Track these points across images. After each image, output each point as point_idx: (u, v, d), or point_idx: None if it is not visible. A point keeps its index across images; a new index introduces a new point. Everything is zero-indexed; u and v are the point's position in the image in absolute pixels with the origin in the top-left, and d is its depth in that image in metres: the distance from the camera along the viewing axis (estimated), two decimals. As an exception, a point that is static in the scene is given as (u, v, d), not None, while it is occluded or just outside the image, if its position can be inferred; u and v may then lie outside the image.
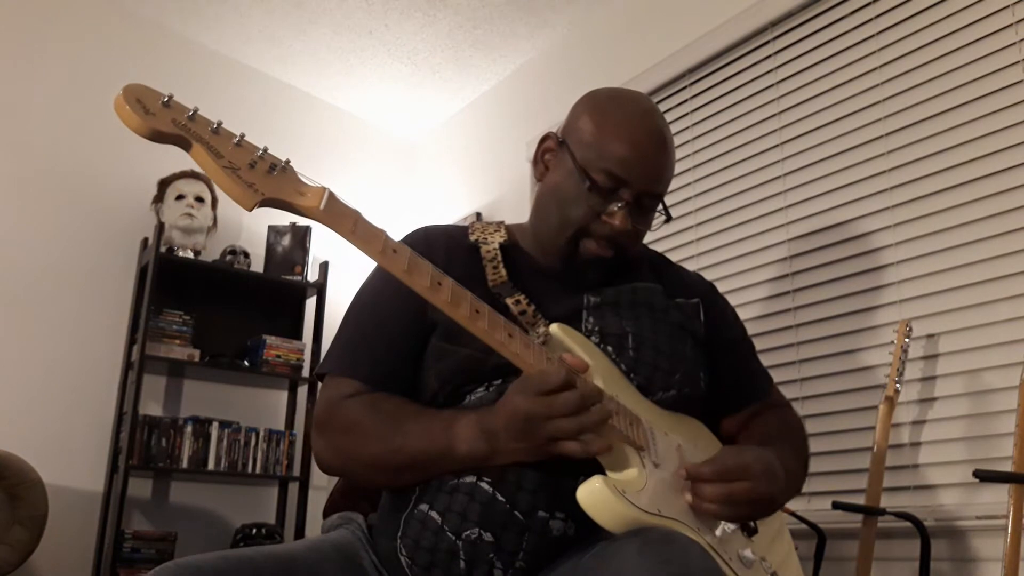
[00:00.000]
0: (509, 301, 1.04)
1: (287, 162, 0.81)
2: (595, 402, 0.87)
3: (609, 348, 1.04)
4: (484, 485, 0.94)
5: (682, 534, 0.83)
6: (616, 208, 1.05)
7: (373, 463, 1.00)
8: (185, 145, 0.76)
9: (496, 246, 1.13)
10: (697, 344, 1.14)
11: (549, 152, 1.16)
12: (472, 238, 1.15)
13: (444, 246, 1.12)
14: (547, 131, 1.18)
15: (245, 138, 0.79)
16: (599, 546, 0.86)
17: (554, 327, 0.98)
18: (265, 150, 0.79)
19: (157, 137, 0.74)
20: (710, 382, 1.15)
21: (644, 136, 1.08)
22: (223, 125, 0.78)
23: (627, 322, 1.08)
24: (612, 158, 1.05)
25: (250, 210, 0.78)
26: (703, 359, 1.14)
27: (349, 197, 3.85)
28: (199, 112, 0.77)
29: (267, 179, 0.79)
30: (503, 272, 1.09)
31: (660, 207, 1.13)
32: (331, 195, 0.82)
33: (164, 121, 0.74)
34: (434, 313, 0.87)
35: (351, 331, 1.12)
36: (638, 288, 1.14)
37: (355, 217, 0.83)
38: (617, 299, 1.11)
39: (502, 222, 1.21)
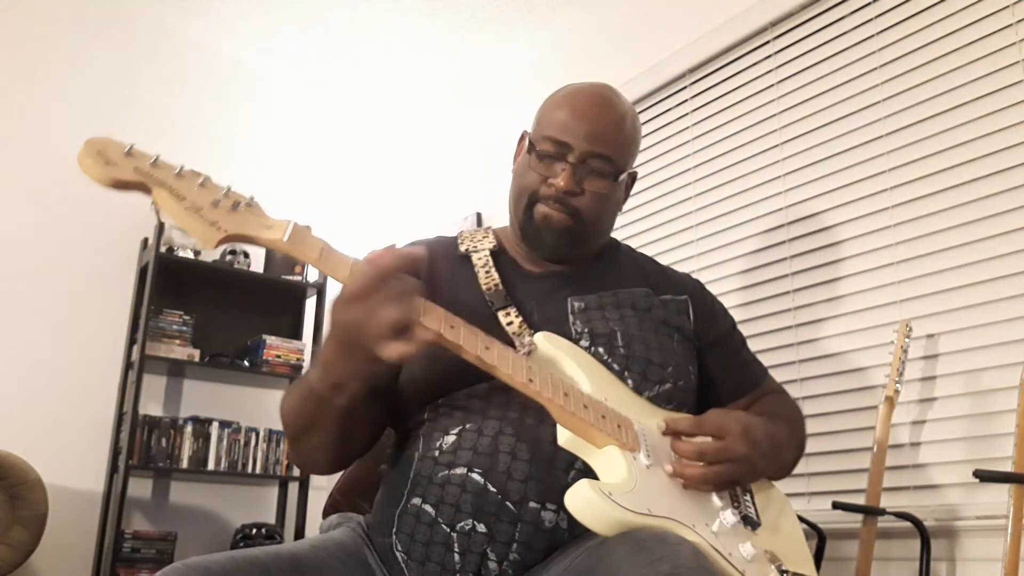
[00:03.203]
0: (500, 314, 1.06)
1: (251, 198, 0.85)
2: (414, 292, 0.84)
3: (600, 349, 1.06)
4: (475, 476, 0.95)
5: (673, 533, 0.83)
6: (560, 169, 1.10)
7: (294, 435, 1.03)
8: (146, 191, 0.79)
9: (487, 253, 1.16)
10: (684, 339, 1.16)
11: (522, 151, 1.21)
12: (463, 248, 1.18)
13: (431, 259, 1.13)
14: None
15: (210, 179, 0.82)
16: (592, 546, 0.87)
17: (538, 336, 0.99)
18: (229, 189, 0.83)
19: (119, 185, 0.77)
20: (704, 378, 1.17)
21: (584, 100, 1.15)
22: (186, 168, 0.81)
23: (614, 322, 1.10)
24: (554, 124, 1.13)
25: (213, 248, 0.81)
26: (691, 353, 1.17)
27: (349, 198, 3.81)
28: (161, 158, 0.80)
29: (230, 216, 0.82)
30: (495, 276, 1.12)
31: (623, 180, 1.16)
32: (296, 226, 0.84)
33: (125, 170, 0.77)
34: None
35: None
36: (620, 292, 1.16)
37: (320, 246, 0.86)
38: (601, 303, 1.13)
39: (489, 227, 1.24)
